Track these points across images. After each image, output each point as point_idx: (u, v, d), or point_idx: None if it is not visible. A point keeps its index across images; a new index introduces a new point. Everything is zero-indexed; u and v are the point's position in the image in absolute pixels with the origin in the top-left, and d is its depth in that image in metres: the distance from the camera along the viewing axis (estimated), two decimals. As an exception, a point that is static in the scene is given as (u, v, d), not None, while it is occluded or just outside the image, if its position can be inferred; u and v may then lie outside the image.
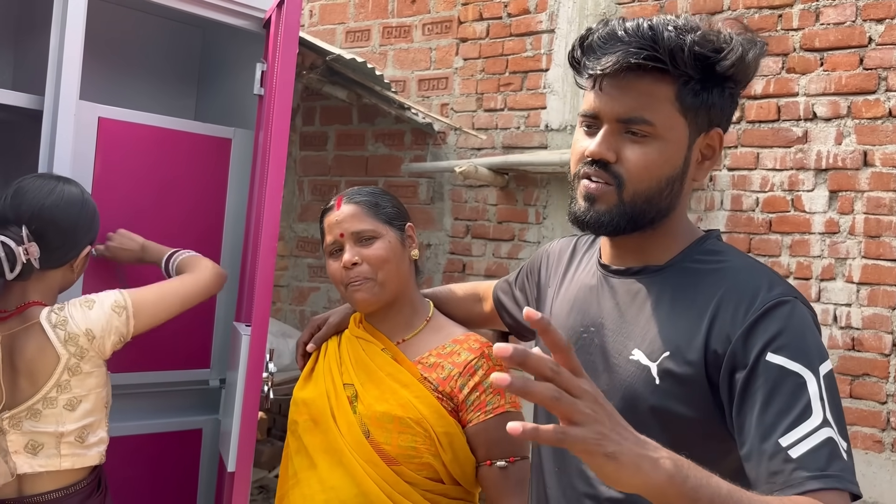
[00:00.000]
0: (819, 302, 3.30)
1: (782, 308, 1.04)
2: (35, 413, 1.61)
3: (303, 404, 1.61)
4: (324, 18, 4.70)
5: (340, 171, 4.60)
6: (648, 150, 1.10)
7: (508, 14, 4.09)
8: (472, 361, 1.52)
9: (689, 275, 1.14)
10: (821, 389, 0.99)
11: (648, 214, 1.13)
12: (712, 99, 1.11)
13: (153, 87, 2.33)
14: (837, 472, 0.95)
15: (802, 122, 3.37)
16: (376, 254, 1.54)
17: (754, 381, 1.01)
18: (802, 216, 3.36)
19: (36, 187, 1.63)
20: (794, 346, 1.01)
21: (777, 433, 0.98)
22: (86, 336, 1.64)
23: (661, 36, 1.07)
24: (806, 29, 3.36)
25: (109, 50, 2.26)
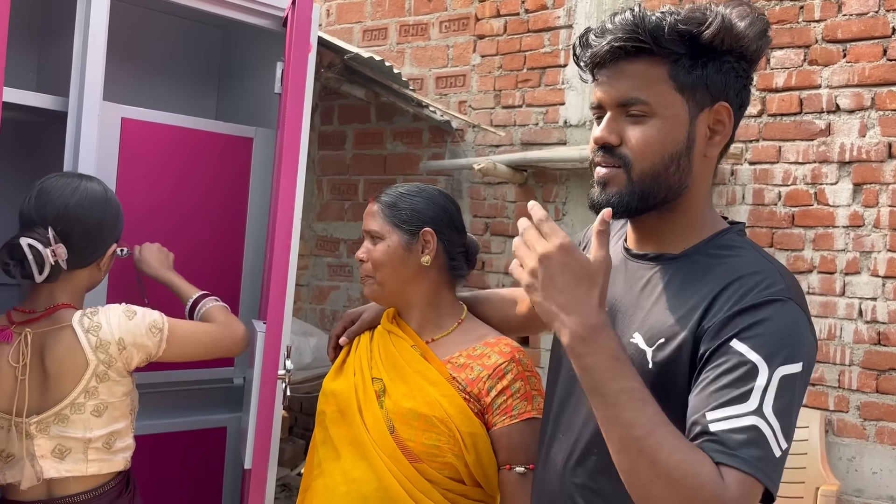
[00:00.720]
0: (844, 296, 3.27)
1: (771, 305, 1.06)
2: (63, 418, 1.61)
3: (331, 395, 1.63)
4: (341, 17, 4.71)
5: (359, 170, 4.60)
6: (647, 129, 1.14)
7: (526, 10, 4.08)
8: (502, 365, 1.52)
9: (700, 267, 1.15)
10: (769, 384, 1.00)
11: (659, 193, 1.16)
12: (708, 74, 1.14)
13: (175, 88, 2.34)
14: (747, 457, 0.97)
15: (825, 115, 3.33)
16: (374, 255, 1.59)
17: (712, 360, 1.05)
18: (826, 210, 3.32)
19: (59, 187, 1.63)
20: (762, 339, 1.03)
21: (708, 407, 1.01)
22: (117, 345, 1.63)
23: (642, 20, 1.12)
24: (828, 20, 3.33)
25: (131, 51, 2.28)
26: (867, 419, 3.22)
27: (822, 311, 3.32)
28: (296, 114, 1.62)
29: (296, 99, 1.62)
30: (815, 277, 3.33)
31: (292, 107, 1.62)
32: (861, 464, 3.23)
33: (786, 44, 3.41)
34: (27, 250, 1.57)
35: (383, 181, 4.48)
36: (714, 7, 1.14)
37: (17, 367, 1.59)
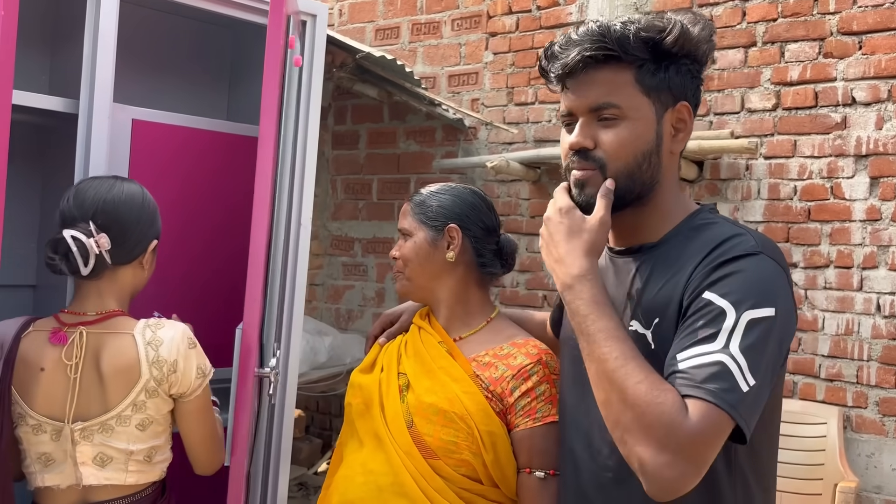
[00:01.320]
0: (861, 291, 3.24)
1: (743, 259, 1.14)
2: (108, 429, 1.60)
3: (358, 388, 1.65)
4: (353, 17, 4.72)
5: (372, 169, 4.61)
6: (620, 131, 1.22)
7: (538, 7, 4.07)
8: (528, 366, 1.52)
9: (678, 247, 1.24)
10: (735, 326, 1.08)
11: (633, 189, 1.24)
12: (670, 76, 1.23)
13: (186, 88, 2.35)
14: (711, 388, 1.04)
15: (841, 108, 3.30)
16: (403, 252, 1.64)
17: (687, 315, 1.13)
18: (842, 203, 3.29)
19: (95, 185, 1.64)
20: (730, 287, 1.11)
21: (678, 349, 1.10)
22: (171, 366, 1.62)
23: (609, 30, 1.21)
24: (843, 12, 3.29)
25: (142, 53, 2.29)
26: (886, 415, 3.18)
27: (840, 306, 3.28)
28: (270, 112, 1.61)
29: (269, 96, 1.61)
30: (831, 272, 3.30)
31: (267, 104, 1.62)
32: (880, 460, 3.19)
33: (800, 37, 3.38)
34: (71, 242, 1.56)
35: (397, 180, 4.49)
36: (670, 15, 1.24)
37: (69, 364, 1.59)
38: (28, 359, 1.60)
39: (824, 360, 3.32)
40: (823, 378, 3.32)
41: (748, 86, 3.50)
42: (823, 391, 3.32)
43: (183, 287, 2.01)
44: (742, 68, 3.52)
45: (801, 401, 3.36)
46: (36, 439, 1.61)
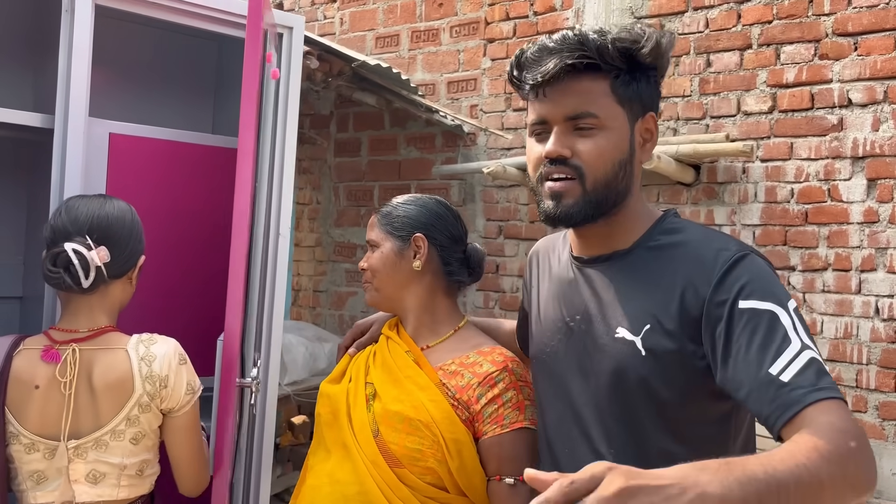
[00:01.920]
0: (860, 294, 3.20)
1: (742, 261, 1.15)
2: (102, 444, 1.62)
3: (326, 397, 1.66)
4: (354, 25, 4.75)
5: (374, 175, 4.63)
6: (598, 140, 1.22)
7: (535, 12, 4.07)
8: (494, 373, 1.52)
9: (654, 252, 1.25)
10: (793, 320, 1.09)
11: (610, 199, 1.24)
12: (641, 87, 1.25)
13: (172, 102, 2.39)
14: (828, 385, 1.03)
15: (837, 110, 3.27)
16: (370, 263, 1.66)
17: (733, 328, 1.10)
18: (840, 206, 3.26)
19: (87, 202, 1.67)
20: (760, 289, 1.12)
21: (766, 365, 1.05)
22: (162, 382, 1.64)
23: (587, 39, 1.22)
24: (838, 13, 3.27)
25: (129, 67, 2.33)
26: (886, 419, 3.15)
27: (838, 309, 3.25)
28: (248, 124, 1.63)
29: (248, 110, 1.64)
30: (829, 275, 3.27)
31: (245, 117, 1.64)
32: (881, 465, 3.16)
33: (796, 39, 3.36)
34: (72, 255, 1.59)
35: (398, 186, 4.51)
36: (640, 27, 1.26)
37: (63, 381, 1.60)
38: (21, 377, 1.61)
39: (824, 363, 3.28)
40: (823, 382, 3.29)
41: (744, 88, 3.48)
42: (823, 395, 3.29)
43: (163, 298, 2.03)
44: (738, 71, 3.50)
45: (801, 405, 3.32)
46: (28, 458, 1.62)
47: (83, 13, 1.74)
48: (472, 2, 4.28)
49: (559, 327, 1.33)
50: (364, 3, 4.71)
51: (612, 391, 1.23)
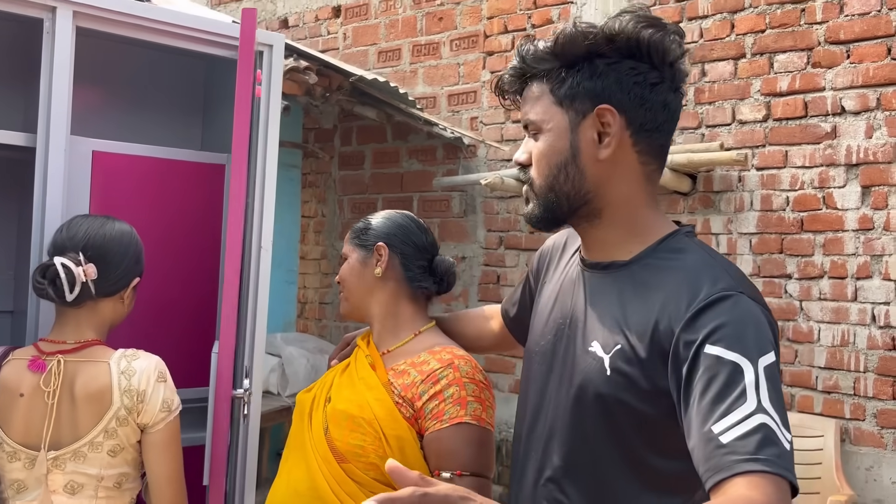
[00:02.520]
0: (856, 301, 3.19)
1: (724, 302, 1.06)
2: (81, 456, 1.66)
3: (298, 403, 1.74)
4: (357, 40, 4.81)
5: (377, 188, 4.68)
6: (539, 145, 1.22)
7: (532, 25, 4.11)
8: (438, 370, 1.56)
9: (650, 271, 1.16)
10: (758, 378, 0.99)
11: (560, 202, 1.20)
12: (581, 81, 1.17)
13: (161, 120, 2.44)
14: (769, 457, 0.94)
15: (830, 117, 3.27)
16: (340, 274, 1.74)
17: (694, 372, 1.03)
18: (835, 213, 3.25)
19: (89, 220, 1.74)
20: (731, 336, 1.03)
21: (711, 420, 0.98)
22: (139, 396, 1.67)
23: (521, 50, 1.22)
24: (830, 21, 3.28)
25: (121, 86, 2.39)
26: (885, 427, 3.13)
27: (835, 316, 3.24)
28: (241, 142, 1.69)
29: (241, 128, 1.69)
30: (826, 283, 3.27)
31: (238, 136, 1.69)
32: (880, 473, 3.14)
33: (788, 47, 3.37)
34: (60, 268, 1.64)
35: (400, 198, 4.55)
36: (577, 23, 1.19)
37: (47, 391, 1.65)
38: (8, 386, 1.67)
39: (821, 371, 3.28)
40: (820, 390, 3.28)
41: (738, 97, 3.49)
42: (821, 403, 3.28)
43: (151, 313, 2.08)
44: (732, 80, 3.51)
45: (799, 413, 3.31)
46: (10, 466, 1.67)
47: (63, 34, 1.80)
48: (472, 16, 4.33)
49: (551, 327, 1.29)
50: (366, 18, 4.78)
51: (574, 403, 1.19)
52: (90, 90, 2.27)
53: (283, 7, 5.27)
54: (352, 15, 4.85)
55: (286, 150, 4.79)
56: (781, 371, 1.07)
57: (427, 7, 4.51)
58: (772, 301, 3.38)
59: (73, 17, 1.83)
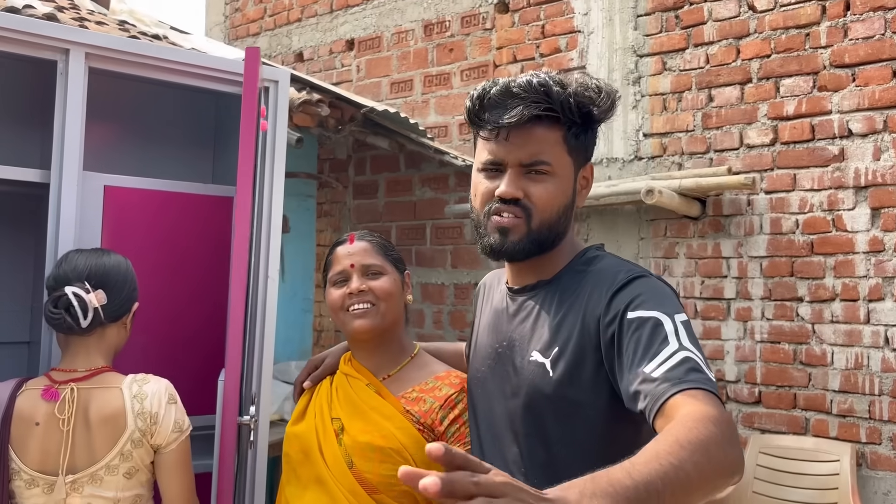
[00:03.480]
0: (868, 324, 3.18)
1: (637, 280, 1.22)
2: (98, 479, 1.72)
3: (294, 437, 1.72)
4: (370, 72, 4.90)
5: (391, 216, 4.74)
6: (549, 186, 1.30)
7: (541, 54, 4.17)
8: (453, 395, 1.61)
9: (572, 280, 1.32)
10: (676, 327, 1.13)
11: (550, 238, 1.33)
12: (587, 139, 1.34)
13: (174, 153, 2.51)
14: (695, 379, 1.06)
15: (838, 140, 3.28)
16: (383, 286, 1.67)
17: (622, 337, 1.16)
18: (845, 236, 3.25)
19: (85, 254, 1.81)
20: (647, 300, 1.18)
21: (642, 365, 1.11)
22: (152, 419, 1.74)
23: (552, 91, 1.28)
24: (835, 45, 3.30)
25: (133, 122, 2.47)
26: (901, 451, 3.10)
27: (848, 339, 3.23)
28: (246, 175, 1.74)
29: (246, 162, 1.74)
30: (837, 305, 3.25)
31: (242, 169, 1.75)
32: None
33: (794, 71, 3.39)
34: (72, 297, 1.71)
35: (413, 226, 4.60)
36: (593, 82, 1.32)
37: (61, 419, 1.70)
38: (23, 415, 1.72)
39: (835, 395, 3.26)
40: (836, 414, 3.26)
41: (746, 122, 3.51)
42: (836, 427, 3.25)
43: (163, 342, 2.13)
44: (739, 105, 3.54)
45: (815, 438, 3.29)
46: (28, 493, 1.72)
47: (76, 75, 1.88)
48: (481, 46, 4.40)
49: (489, 353, 1.41)
50: (379, 50, 4.86)
51: (525, 412, 1.29)
52: (103, 127, 2.35)
53: (297, 41, 5.38)
54: (365, 48, 4.95)
55: (302, 181, 4.87)
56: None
57: (438, 39, 4.59)
58: (783, 324, 3.38)
59: (85, 58, 1.91)
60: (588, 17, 4.01)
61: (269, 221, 2.10)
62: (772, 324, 3.42)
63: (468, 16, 4.48)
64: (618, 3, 3.91)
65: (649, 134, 3.79)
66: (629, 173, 3.83)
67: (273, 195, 2.09)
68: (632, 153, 3.84)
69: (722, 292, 3.56)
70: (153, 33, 3.68)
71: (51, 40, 1.88)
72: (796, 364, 3.36)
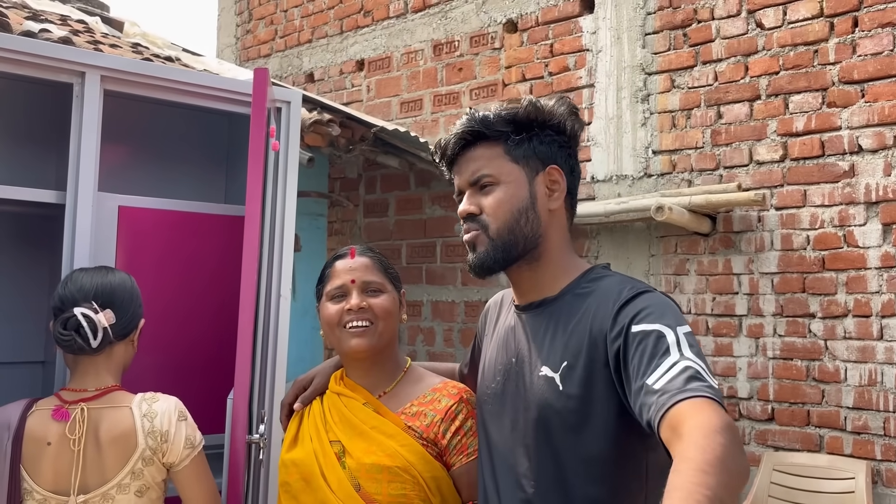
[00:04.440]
0: (882, 340, 3.16)
1: (641, 296, 1.25)
2: (109, 498, 1.72)
3: (292, 465, 1.67)
4: (380, 92, 4.94)
5: (401, 234, 4.75)
6: (496, 194, 1.38)
7: (549, 73, 4.19)
8: (453, 406, 1.60)
9: (578, 298, 1.35)
10: (678, 338, 1.15)
11: (517, 243, 1.38)
12: (534, 145, 1.40)
13: (188, 173, 2.54)
14: (695, 388, 1.07)
15: (848, 156, 3.28)
16: (383, 304, 1.65)
17: (627, 351, 1.19)
18: (856, 251, 3.25)
19: (90, 273, 1.82)
20: (651, 314, 1.20)
21: (645, 377, 1.13)
22: (163, 437, 1.75)
23: (477, 116, 1.41)
24: (843, 62, 3.31)
25: (148, 143, 2.50)
26: (917, 468, 3.07)
27: (861, 356, 3.21)
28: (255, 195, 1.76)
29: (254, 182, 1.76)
30: (850, 322, 3.24)
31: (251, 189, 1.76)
32: (914, 516, 3.07)
33: (803, 88, 3.40)
34: (81, 318, 1.72)
35: (424, 244, 4.62)
36: (528, 99, 1.42)
37: (72, 439, 1.71)
38: (35, 435, 1.73)
39: (849, 412, 3.24)
40: (850, 431, 3.24)
41: (755, 138, 3.52)
42: (851, 444, 3.23)
43: (175, 361, 2.15)
44: (748, 121, 3.54)
45: (829, 455, 3.27)
46: None
47: (91, 97, 1.91)
48: (490, 65, 4.43)
49: (499, 370, 1.44)
50: (389, 70, 4.91)
51: (536, 427, 1.32)
52: (117, 148, 2.38)
53: (308, 62, 5.43)
54: (375, 68, 4.99)
55: (313, 200, 4.90)
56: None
57: (447, 59, 4.63)
58: (796, 341, 3.37)
59: (100, 80, 1.94)
60: (596, 36, 4.03)
61: (281, 240, 2.11)
62: (784, 340, 3.41)
63: (477, 35, 4.52)
64: (626, 21, 3.94)
65: (659, 151, 3.80)
66: (639, 190, 3.84)
67: (285, 214, 2.11)
68: (641, 170, 3.85)
69: (733, 309, 3.55)
70: (166, 55, 3.73)
71: (67, 63, 1.91)
72: (809, 381, 3.34)
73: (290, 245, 2.12)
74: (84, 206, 1.89)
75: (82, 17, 3.99)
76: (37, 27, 2.96)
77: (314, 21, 5.45)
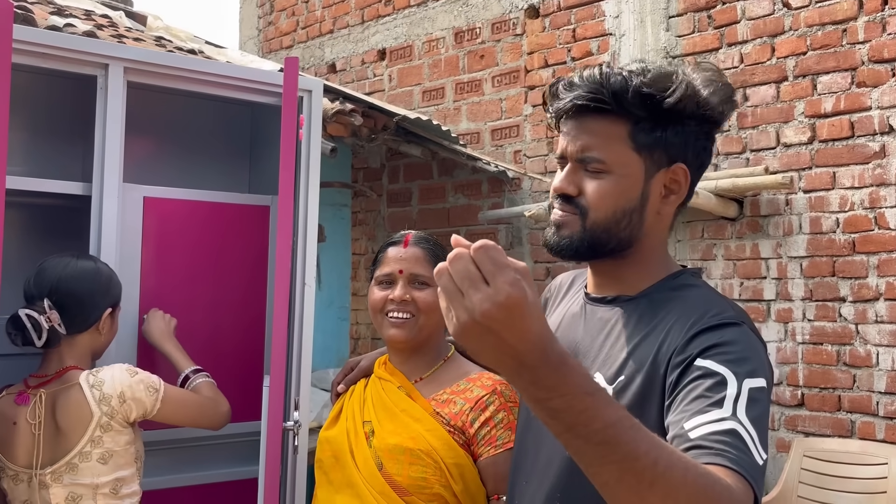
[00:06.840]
0: (914, 323, 3.11)
1: (727, 328, 1.08)
2: (73, 467, 1.82)
3: (326, 442, 1.72)
4: (402, 81, 4.93)
5: (424, 224, 4.75)
6: (603, 184, 1.18)
7: (572, 58, 4.16)
8: (484, 397, 1.60)
9: (656, 305, 1.18)
10: (739, 393, 1.00)
11: (607, 243, 1.19)
12: (668, 136, 1.17)
13: (212, 164, 2.56)
14: (733, 456, 0.92)
15: (878, 136, 3.22)
16: (427, 299, 1.63)
17: (682, 380, 1.05)
18: (888, 234, 3.19)
19: (53, 265, 1.88)
20: (723, 354, 1.04)
21: (684, 419, 0.99)
22: (118, 398, 1.83)
23: (607, 80, 1.15)
24: (873, 41, 3.24)
25: (172, 134, 2.52)
26: (951, 453, 3.02)
27: (893, 340, 3.16)
28: (287, 185, 1.76)
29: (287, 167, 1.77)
30: (882, 305, 3.19)
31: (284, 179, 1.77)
32: (948, 502, 3.02)
33: (831, 68, 3.34)
34: (25, 319, 1.81)
35: (447, 233, 4.58)
36: (682, 72, 1.17)
37: (32, 423, 1.82)
38: (3, 417, 1.86)
39: (882, 396, 3.19)
40: (882, 416, 3.19)
41: (782, 120, 3.46)
42: (883, 429, 3.18)
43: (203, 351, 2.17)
44: (775, 103, 3.49)
45: (861, 440, 3.22)
46: (16, 488, 1.85)
47: (115, 89, 1.93)
48: (512, 52, 4.41)
49: None
50: (410, 59, 4.89)
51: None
52: (142, 139, 2.40)
53: (330, 52, 5.44)
54: (396, 57, 4.98)
55: (336, 190, 4.91)
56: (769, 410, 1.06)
57: (468, 46, 4.61)
58: (826, 325, 3.32)
59: (124, 72, 1.96)
60: (619, 20, 3.99)
61: (304, 230, 2.12)
62: (813, 325, 3.36)
63: (498, 22, 4.49)
64: (649, 4, 3.89)
65: (684, 135, 3.75)
66: (664, 175, 3.79)
67: (309, 204, 2.12)
68: (666, 155, 3.80)
69: (761, 294, 3.51)
70: (189, 48, 3.75)
71: (91, 56, 1.93)
72: (840, 365, 3.29)
73: (313, 235, 2.13)
74: (110, 197, 1.91)
75: (106, 12, 4.02)
76: (61, 22, 2.98)
77: (335, 11, 5.45)
